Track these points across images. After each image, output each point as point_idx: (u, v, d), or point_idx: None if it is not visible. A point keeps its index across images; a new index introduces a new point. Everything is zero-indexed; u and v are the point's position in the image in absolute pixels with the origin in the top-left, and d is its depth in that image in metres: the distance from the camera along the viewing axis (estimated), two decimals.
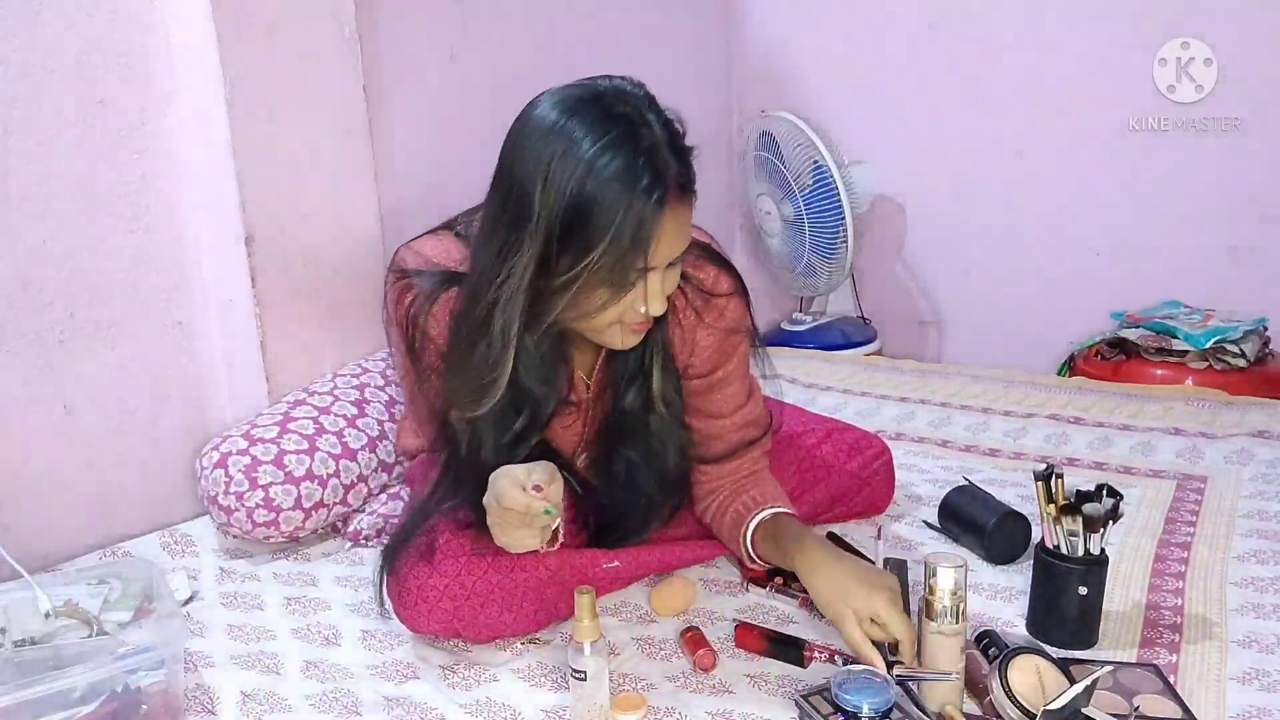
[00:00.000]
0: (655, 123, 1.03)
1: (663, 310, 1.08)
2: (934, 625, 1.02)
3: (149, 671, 1.04)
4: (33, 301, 1.40)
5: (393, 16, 1.83)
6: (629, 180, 0.98)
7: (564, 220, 1.00)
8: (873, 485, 1.50)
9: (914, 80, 2.70)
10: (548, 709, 1.09)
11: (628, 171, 0.98)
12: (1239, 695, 1.05)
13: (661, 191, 1.00)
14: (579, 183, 0.99)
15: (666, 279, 1.09)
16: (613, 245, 0.99)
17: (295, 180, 1.60)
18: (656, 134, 1.02)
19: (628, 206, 0.98)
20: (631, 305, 1.07)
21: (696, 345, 1.24)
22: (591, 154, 0.99)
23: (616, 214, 0.98)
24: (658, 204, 1.00)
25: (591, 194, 0.99)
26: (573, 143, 0.99)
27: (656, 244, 1.02)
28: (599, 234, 0.99)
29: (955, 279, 2.80)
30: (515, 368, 1.11)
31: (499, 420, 1.16)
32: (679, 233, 1.05)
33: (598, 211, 0.99)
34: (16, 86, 1.36)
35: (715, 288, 1.22)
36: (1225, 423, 1.84)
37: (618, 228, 0.99)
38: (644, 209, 0.99)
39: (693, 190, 1.06)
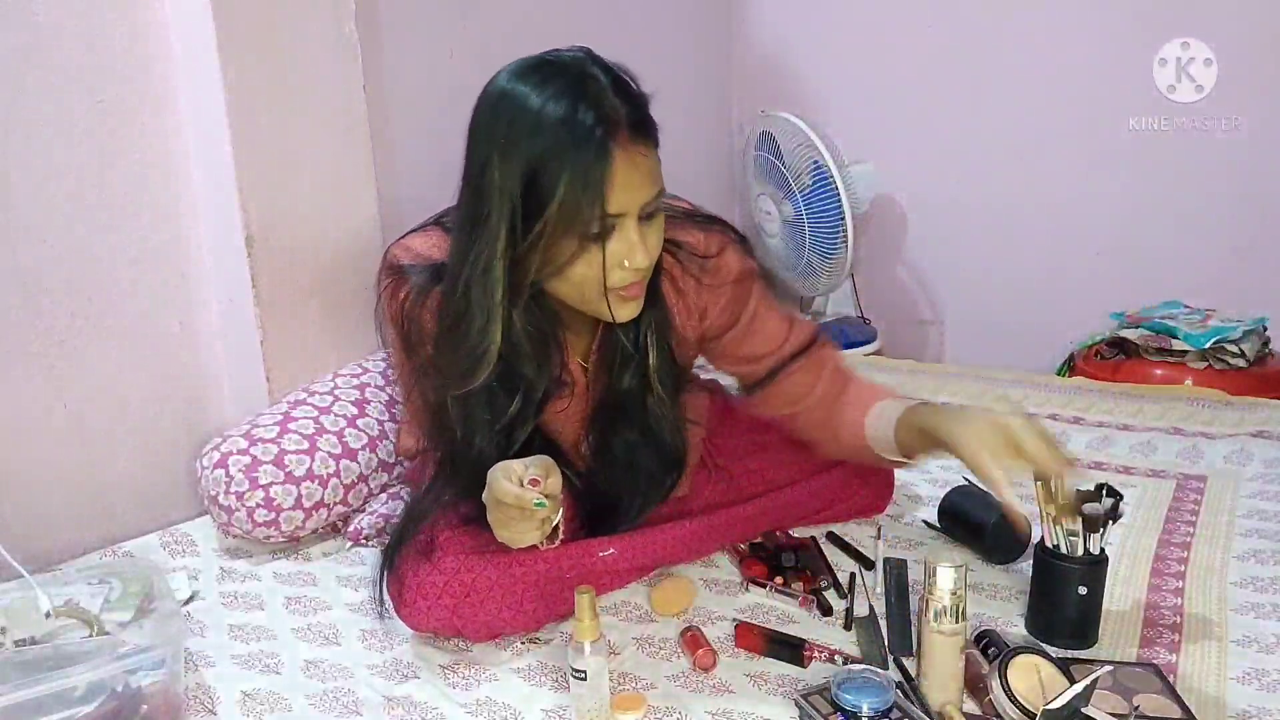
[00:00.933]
0: (600, 72, 1.04)
1: (648, 261, 1.07)
2: (934, 625, 1.02)
3: (149, 671, 1.04)
4: (33, 301, 1.41)
5: (393, 16, 1.83)
6: (573, 124, 1.00)
7: (523, 180, 1.02)
8: (873, 485, 1.50)
9: (914, 80, 2.71)
10: (548, 709, 1.09)
11: (571, 117, 1.00)
12: (1239, 695, 1.05)
13: (606, 130, 1.00)
14: (529, 139, 1.01)
15: (647, 232, 1.07)
16: (568, 192, 1.00)
17: (295, 180, 1.60)
18: (601, 81, 1.03)
19: (575, 149, 1.00)
20: (618, 263, 1.06)
21: (706, 309, 1.25)
22: (538, 109, 1.01)
23: (566, 160, 1.00)
24: (603, 144, 1.00)
25: (541, 146, 1.01)
26: (521, 105, 1.02)
27: (611, 185, 1.01)
28: (553, 183, 1.01)
29: (955, 279, 2.80)
30: (503, 346, 1.11)
31: (491, 404, 1.16)
32: (639, 174, 1.04)
33: (549, 161, 1.00)
34: (16, 86, 1.36)
35: (707, 249, 1.22)
36: (1225, 423, 1.84)
37: (570, 173, 1.00)
38: (591, 150, 1.00)
39: (649, 133, 1.06)
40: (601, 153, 1.00)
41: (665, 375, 1.24)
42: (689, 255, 1.21)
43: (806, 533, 1.45)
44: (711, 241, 1.22)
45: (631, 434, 1.27)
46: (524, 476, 1.06)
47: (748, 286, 1.26)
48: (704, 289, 1.23)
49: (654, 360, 1.22)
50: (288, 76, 1.57)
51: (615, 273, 1.07)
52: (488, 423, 1.17)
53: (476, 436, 1.18)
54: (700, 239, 1.22)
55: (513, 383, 1.17)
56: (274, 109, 1.56)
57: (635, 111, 1.04)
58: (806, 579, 1.30)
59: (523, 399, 1.18)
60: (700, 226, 1.23)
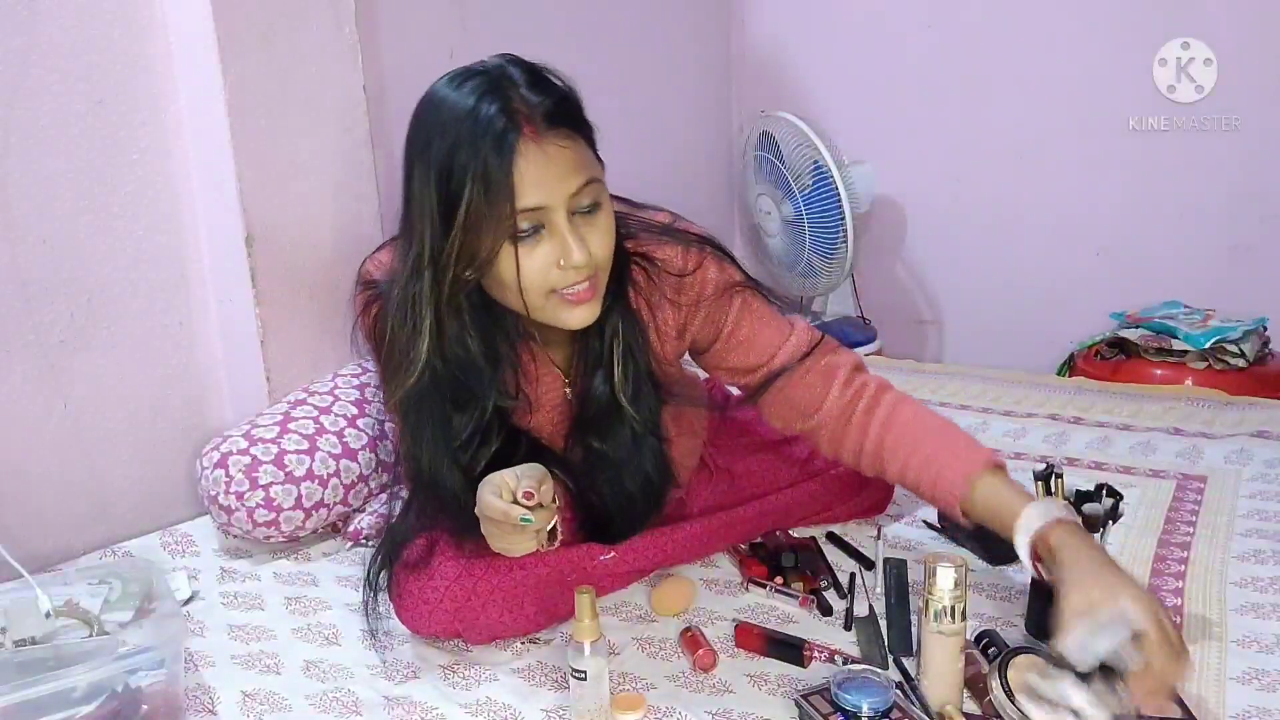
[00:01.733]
0: (517, 71, 1.03)
1: (586, 259, 1.02)
2: (934, 625, 1.02)
3: (149, 671, 1.04)
4: (33, 301, 1.41)
5: (393, 16, 1.83)
6: (476, 120, 0.99)
7: (437, 182, 1.01)
8: (873, 485, 1.50)
9: (914, 80, 2.71)
10: (548, 709, 1.09)
11: (475, 113, 0.99)
12: (1239, 695, 1.05)
13: (510, 123, 0.98)
14: (439, 140, 1.01)
15: (587, 228, 1.04)
16: (476, 189, 0.99)
17: (295, 180, 1.60)
18: (515, 78, 1.02)
19: (479, 145, 0.98)
20: (554, 264, 1.03)
21: (685, 325, 1.22)
22: (448, 110, 1.01)
23: (471, 156, 0.99)
24: (505, 137, 0.98)
25: (449, 145, 1.00)
26: (435, 108, 1.03)
27: (520, 180, 0.99)
28: (461, 181, 0.99)
29: (955, 279, 2.80)
30: (449, 358, 1.10)
31: (445, 422, 1.13)
32: (555, 167, 1.00)
33: (456, 159, 1.00)
34: (16, 86, 1.36)
35: (683, 266, 1.18)
36: (1225, 423, 1.84)
37: (476, 169, 0.99)
38: (493, 144, 0.98)
39: (569, 123, 1.03)
40: (505, 146, 0.98)
41: (635, 389, 1.19)
42: (661, 272, 1.17)
43: (807, 533, 1.45)
44: (689, 258, 1.18)
45: (604, 446, 1.22)
46: (515, 489, 1.03)
47: (727, 300, 1.21)
48: (681, 306, 1.20)
49: (619, 375, 1.18)
50: (288, 77, 1.57)
51: (553, 273, 1.03)
52: (443, 441, 1.14)
53: (429, 454, 1.15)
54: (677, 254, 1.18)
55: (467, 399, 1.14)
56: (274, 109, 1.56)
57: (551, 103, 1.01)
58: (807, 579, 1.30)
59: (477, 417, 1.14)
60: (679, 241, 1.18)
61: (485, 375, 1.13)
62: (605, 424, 1.22)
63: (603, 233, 1.06)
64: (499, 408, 1.16)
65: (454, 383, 1.12)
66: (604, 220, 1.06)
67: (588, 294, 1.06)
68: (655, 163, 2.61)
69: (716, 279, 1.20)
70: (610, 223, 1.07)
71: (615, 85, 2.44)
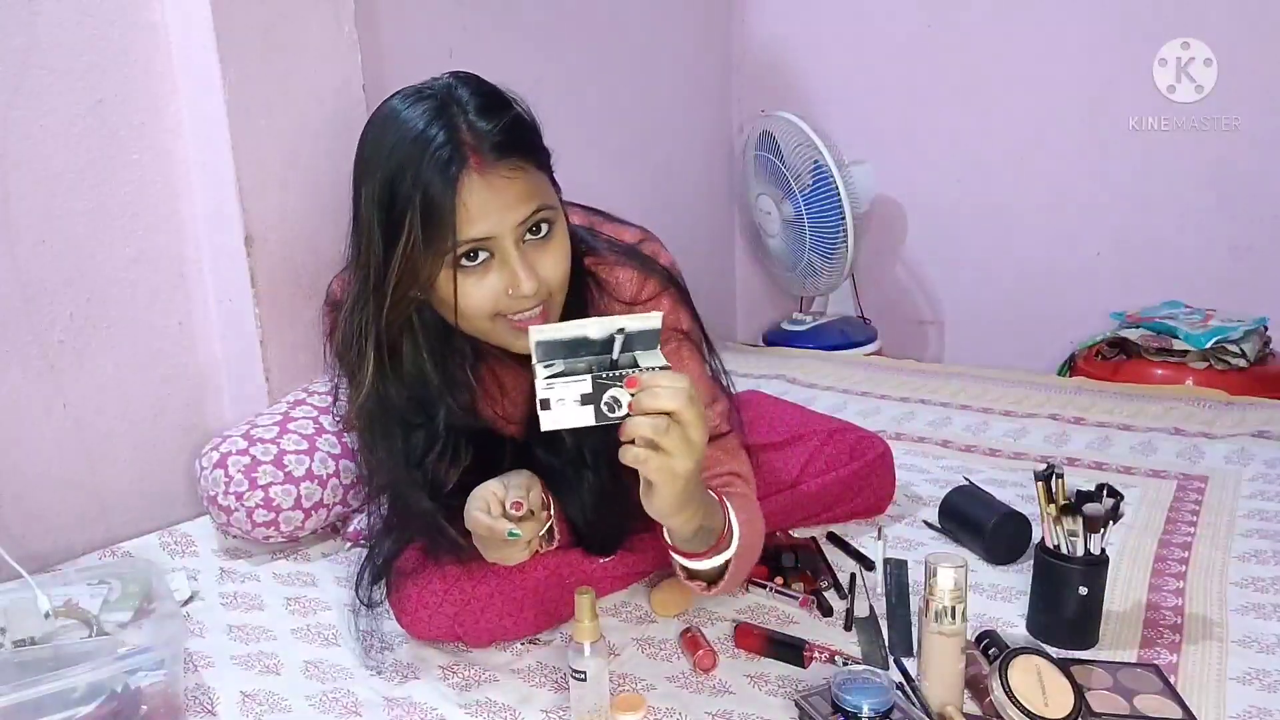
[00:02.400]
0: (466, 94, 0.99)
1: (533, 288, 0.99)
2: (934, 625, 1.02)
3: (149, 671, 1.04)
4: (32, 301, 1.41)
5: (393, 16, 1.83)
6: (423, 146, 0.97)
7: (382, 205, 0.99)
8: (873, 485, 1.50)
9: (914, 80, 2.70)
10: (548, 709, 1.09)
11: (422, 139, 0.97)
12: (1239, 695, 1.05)
13: (455, 153, 0.96)
14: (387, 163, 0.99)
15: (539, 254, 1.01)
16: (419, 214, 0.97)
17: (295, 180, 1.60)
18: (464, 101, 0.99)
19: (423, 175, 0.96)
20: (503, 291, 1.00)
21: None
22: (396, 133, 0.99)
23: (417, 179, 0.97)
24: (451, 167, 0.95)
25: (392, 172, 0.98)
26: (381, 131, 1.01)
27: (463, 211, 0.96)
28: (404, 210, 0.98)
29: (955, 279, 2.80)
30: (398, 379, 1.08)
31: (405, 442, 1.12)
32: (501, 197, 0.97)
33: (400, 187, 0.97)
34: (16, 86, 1.36)
35: (635, 294, 1.13)
36: (1225, 423, 1.84)
37: (421, 194, 0.96)
38: (441, 172, 0.95)
39: (518, 151, 0.99)
40: (447, 175, 0.95)
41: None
42: (609, 296, 1.13)
43: (807, 533, 1.45)
44: (645, 286, 1.13)
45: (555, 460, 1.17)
46: (505, 500, 1.02)
47: (671, 343, 1.15)
48: None
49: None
50: (288, 76, 1.57)
51: (502, 300, 1.01)
52: (401, 463, 1.12)
53: (387, 477, 1.14)
54: (632, 279, 1.13)
55: (421, 420, 1.12)
56: (274, 109, 1.56)
57: (500, 132, 0.98)
58: (807, 579, 1.30)
59: (433, 437, 1.12)
60: (639, 266, 1.14)
61: (438, 396, 1.11)
62: (555, 441, 1.15)
63: (555, 257, 1.02)
64: (461, 426, 1.13)
65: (408, 402, 1.10)
66: (557, 244, 1.02)
67: (539, 320, 1.03)
68: (655, 163, 2.61)
69: (665, 315, 1.13)
70: (563, 246, 1.03)
71: (616, 85, 2.44)
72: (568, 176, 1.18)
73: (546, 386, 0.86)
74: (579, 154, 2.50)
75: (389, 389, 1.09)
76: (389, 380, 1.08)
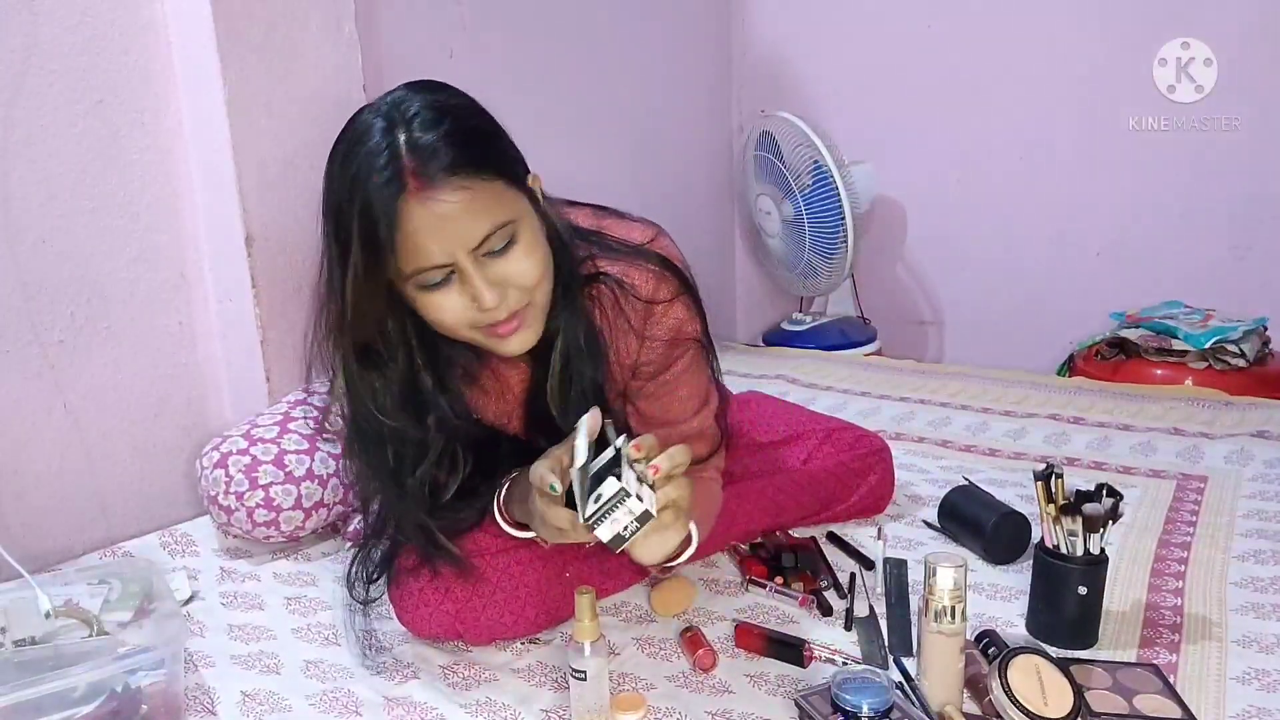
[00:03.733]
0: (413, 108, 0.96)
1: (495, 302, 0.98)
2: (934, 625, 1.02)
3: (149, 671, 1.04)
4: (32, 301, 1.41)
5: (393, 16, 1.83)
6: (367, 167, 0.95)
7: (335, 218, 0.98)
8: (873, 484, 1.50)
9: (914, 80, 2.71)
10: (548, 709, 1.09)
11: (366, 157, 0.95)
12: (1238, 695, 1.05)
13: (393, 175, 0.93)
14: (336, 180, 0.98)
15: (499, 265, 0.98)
16: (361, 242, 0.96)
17: (295, 180, 1.60)
18: (409, 117, 0.96)
19: (363, 195, 0.95)
20: (469, 307, 0.99)
21: (638, 360, 1.17)
22: (343, 157, 0.98)
23: (357, 207, 0.95)
24: (388, 189, 0.93)
25: (342, 189, 0.97)
26: (336, 154, 0.99)
27: (410, 241, 0.94)
28: (348, 231, 0.96)
29: (955, 279, 2.80)
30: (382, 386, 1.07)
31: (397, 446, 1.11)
32: (449, 223, 0.94)
33: (347, 205, 0.96)
34: (16, 86, 1.36)
35: (654, 294, 1.13)
36: (1225, 423, 1.84)
37: (361, 222, 0.95)
38: (379, 198, 0.94)
39: (468, 169, 0.95)
40: (389, 207, 0.94)
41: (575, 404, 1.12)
42: (630, 297, 1.12)
43: (807, 533, 1.45)
44: (663, 287, 1.13)
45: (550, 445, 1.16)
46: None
47: (684, 349, 1.17)
48: (641, 338, 1.15)
49: (552, 384, 1.12)
50: (288, 76, 1.57)
51: (471, 314, 1.00)
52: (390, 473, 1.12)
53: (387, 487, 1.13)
54: (649, 278, 1.13)
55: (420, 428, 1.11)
56: (274, 109, 1.56)
57: (447, 147, 0.95)
58: (807, 579, 1.30)
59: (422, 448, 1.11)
60: (654, 265, 1.13)
61: (431, 404, 1.10)
62: (550, 423, 1.16)
63: (522, 266, 0.99)
64: (459, 433, 1.13)
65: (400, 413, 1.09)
66: (522, 249, 0.99)
67: (513, 325, 1.02)
68: (656, 163, 2.61)
69: (683, 321, 1.15)
70: (531, 249, 1.00)
71: (616, 85, 2.44)
72: (568, 177, 1.18)
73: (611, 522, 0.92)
74: (579, 154, 2.49)
75: (372, 397, 1.08)
76: (372, 388, 1.08)
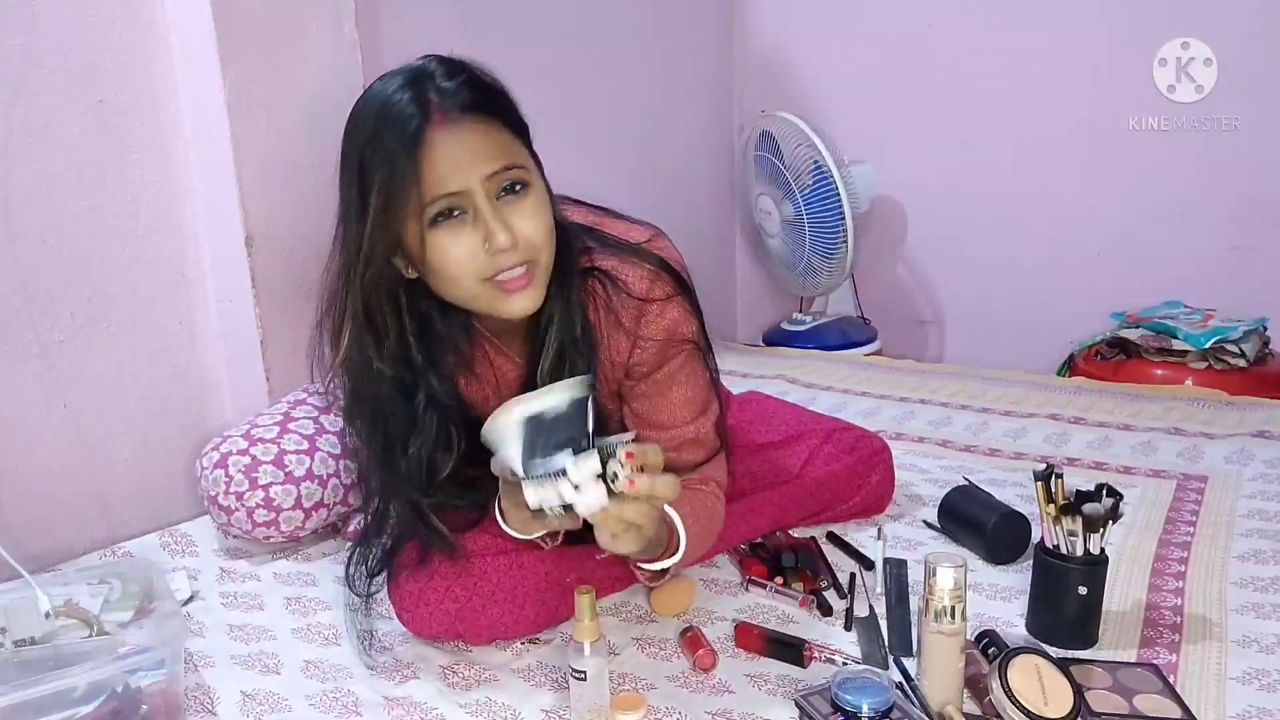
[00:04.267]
0: (437, 65, 1.03)
1: (508, 241, 1.00)
2: (934, 625, 1.02)
3: (149, 671, 1.04)
4: (33, 301, 1.41)
5: (393, 16, 1.83)
6: (389, 108, 1.00)
7: (355, 176, 1.02)
8: (873, 484, 1.50)
9: (914, 80, 2.71)
10: (548, 709, 1.09)
11: (389, 102, 1.01)
12: (1239, 695, 1.05)
13: (417, 110, 0.99)
14: (358, 134, 1.03)
15: (512, 212, 1.01)
16: (383, 175, 0.99)
17: (295, 180, 1.60)
18: (434, 72, 1.02)
19: (388, 131, 0.99)
20: (480, 249, 1.01)
21: (633, 350, 1.16)
22: (366, 106, 1.03)
23: (381, 143, 1.00)
24: (412, 123, 0.98)
25: (364, 136, 1.02)
26: (359, 107, 1.05)
27: (431, 164, 0.98)
28: (373, 170, 1.00)
29: (955, 279, 2.80)
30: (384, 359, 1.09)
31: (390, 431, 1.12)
32: (468, 150, 0.99)
33: (369, 148, 1.01)
34: (16, 86, 1.36)
35: (648, 291, 1.13)
36: (1225, 423, 1.84)
37: (385, 156, 0.99)
38: (402, 130, 0.98)
39: (486, 109, 1.02)
40: (411, 132, 0.98)
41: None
42: (622, 294, 1.13)
43: (807, 533, 1.45)
44: (658, 286, 1.13)
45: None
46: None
47: (677, 349, 1.17)
48: (633, 337, 1.15)
49: (545, 365, 1.12)
50: (288, 76, 1.57)
51: (481, 258, 1.01)
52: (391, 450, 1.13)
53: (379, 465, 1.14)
54: (643, 277, 1.13)
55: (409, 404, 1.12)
56: (274, 109, 1.56)
57: (467, 91, 1.01)
58: (807, 579, 1.30)
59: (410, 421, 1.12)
60: (650, 265, 1.14)
61: (423, 379, 1.11)
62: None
63: (531, 215, 1.03)
64: (450, 410, 1.14)
65: (390, 388, 1.10)
66: (532, 203, 1.03)
67: (523, 280, 1.03)
68: (656, 163, 2.61)
69: (677, 322, 1.15)
70: (541, 207, 1.04)
71: (616, 85, 2.44)
72: (568, 177, 1.19)
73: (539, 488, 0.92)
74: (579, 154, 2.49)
75: (368, 367, 1.09)
76: (368, 358, 1.09)
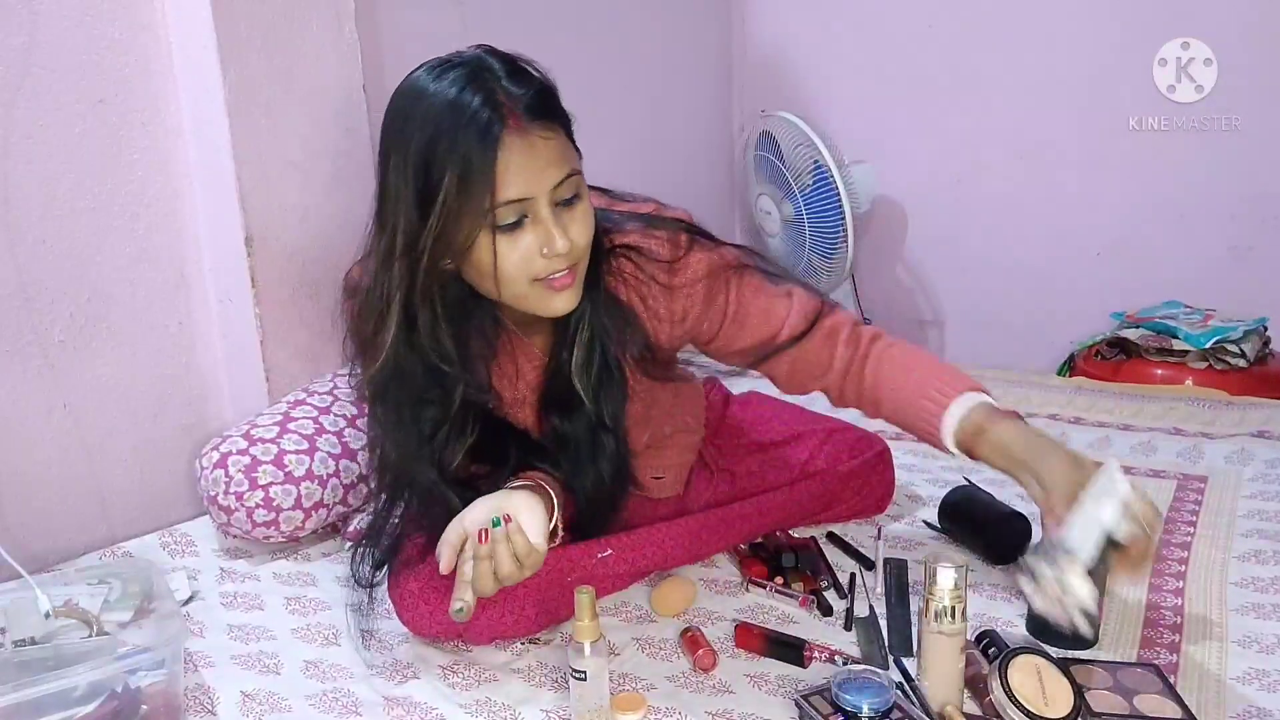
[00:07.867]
0: (496, 62, 1.04)
1: (568, 247, 1.04)
2: (934, 625, 1.02)
3: (149, 671, 1.04)
4: (33, 301, 1.41)
5: (393, 16, 1.83)
6: (460, 111, 1.00)
7: (416, 171, 1.02)
8: (873, 485, 1.50)
9: (914, 80, 2.70)
10: (548, 709, 1.09)
11: (459, 104, 1.00)
12: (1239, 695, 1.05)
13: (494, 114, 0.99)
14: (420, 130, 1.01)
15: (568, 218, 1.05)
16: (456, 178, 1.00)
17: (295, 180, 1.60)
18: (495, 69, 1.03)
19: (462, 135, 0.99)
20: (537, 253, 1.04)
21: (685, 313, 1.19)
22: (428, 100, 1.02)
23: (454, 146, 0.99)
24: (489, 129, 0.99)
25: (430, 135, 1.01)
26: (415, 98, 1.03)
27: (504, 170, 1.00)
28: (442, 171, 1.00)
29: (955, 279, 2.80)
30: (420, 348, 1.10)
31: (417, 414, 1.14)
32: (538, 159, 1.02)
33: (437, 149, 1.00)
34: (16, 86, 1.36)
35: (672, 253, 1.17)
36: (1225, 423, 1.84)
37: (458, 158, 0.99)
38: (477, 135, 0.99)
39: (550, 116, 1.04)
40: (488, 137, 0.99)
41: (597, 379, 1.18)
42: (649, 260, 1.16)
43: (807, 533, 1.45)
44: (676, 243, 1.17)
45: (569, 427, 1.21)
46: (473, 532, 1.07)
47: (723, 279, 1.20)
48: (675, 292, 1.17)
49: (578, 356, 1.16)
50: (288, 77, 1.57)
51: (537, 261, 1.04)
52: (413, 432, 1.14)
53: (397, 445, 1.15)
54: (663, 241, 1.16)
55: (436, 391, 1.13)
56: (274, 109, 1.56)
57: (533, 96, 1.03)
58: (807, 579, 1.30)
59: (446, 409, 1.14)
60: (662, 229, 1.17)
61: (455, 368, 1.13)
62: (568, 402, 1.20)
63: (583, 220, 1.07)
64: (471, 400, 1.16)
65: (423, 374, 1.12)
66: (583, 210, 1.08)
67: (569, 279, 1.07)
68: (656, 163, 2.61)
69: (707, 260, 1.19)
70: (589, 212, 1.09)
71: (616, 85, 2.44)
72: None
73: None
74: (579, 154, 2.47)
75: (407, 360, 1.10)
76: (408, 351, 1.10)
